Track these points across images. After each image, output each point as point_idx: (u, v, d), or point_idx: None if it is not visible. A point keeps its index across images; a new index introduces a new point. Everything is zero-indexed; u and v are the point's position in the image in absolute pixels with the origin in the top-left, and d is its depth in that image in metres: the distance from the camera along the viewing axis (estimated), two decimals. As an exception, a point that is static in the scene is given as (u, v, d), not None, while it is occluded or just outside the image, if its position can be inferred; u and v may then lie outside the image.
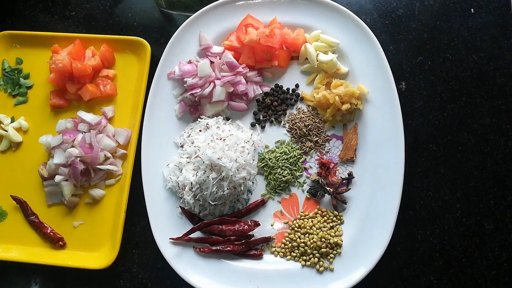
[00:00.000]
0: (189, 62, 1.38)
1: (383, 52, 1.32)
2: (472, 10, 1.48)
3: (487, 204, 1.32)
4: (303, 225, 1.28)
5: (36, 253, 1.33)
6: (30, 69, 1.49)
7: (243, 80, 1.36)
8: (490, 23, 1.45)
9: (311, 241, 1.25)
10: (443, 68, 1.43)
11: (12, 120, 1.44)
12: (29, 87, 1.48)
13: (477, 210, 1.32)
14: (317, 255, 1.25)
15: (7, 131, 1.41)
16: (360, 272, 1.20)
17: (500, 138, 1.36)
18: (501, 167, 1.34)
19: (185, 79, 1.35)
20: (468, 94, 1.40)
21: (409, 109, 1.39)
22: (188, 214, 1.29)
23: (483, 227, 1.30)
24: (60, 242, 1.33)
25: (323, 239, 1.25)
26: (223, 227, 1.27)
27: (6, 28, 1.51)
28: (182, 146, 1.34)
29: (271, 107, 1.39)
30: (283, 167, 1.32)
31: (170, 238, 1.26)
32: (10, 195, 1.37)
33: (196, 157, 1.25)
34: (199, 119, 1.36)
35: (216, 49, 1.40)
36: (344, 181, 1.31)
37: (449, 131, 1.38)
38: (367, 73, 1.34)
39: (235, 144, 1.28)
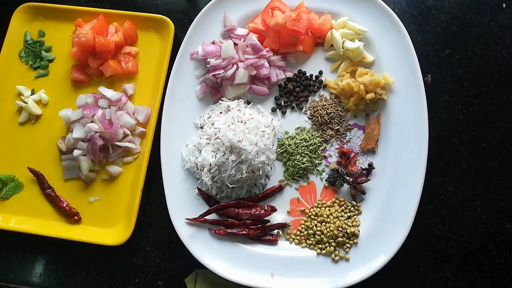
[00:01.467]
0: (213, 43, 1.36)
1: (411, 43, 1.30)
2: (504, 5, 1.44)
3: (508, 203, 1.29)
4: (320, 213, 1.27)
5: (51, 227, 1.33)
6: (52, 42, 1.48)
7: (267, 64, 1.34)
8: (522, 19, 1.42)
9: (328, 229, 1.24)
10: (471, 62, 1.40)
11: (33, 93, 1.43)
12: (51, 60, 1.47)
13: (498, 208, 1.29)
14: (333, 244, 1.23)
15: (27, 103, 1.40)
16: (376, 263, 1.19)
17: (526, 136, 1.34)
18: (525, 166, 1.32)
19: (208, 60, 1.33)
20: (495, 90, 1.37)
21: (433, 102, 1.36)
22: (205, 195, 1.28)
23: (503, 226, 1.28)
24: (75, 217, 1.32)
25: (340, 228, 1.24)
26: (239, 211, 1.26)
27: (30, 0, 1.50)
28: (202, 127, 1.33)
29: (293, 93, 1.37)
30: (303, 154, 1.30)
31: (186, 219, 1.26)
32: (27, 167, 1.36)
33: (216, 138, 1.24)
34: (220, 101, 1.35)
35: (241, 31, 1.38)
36: (364, 171, 1.29)
37: (473, 127, 1.35)
38: (394, 63, 1.32)
39: (255, 128, 1.27)
